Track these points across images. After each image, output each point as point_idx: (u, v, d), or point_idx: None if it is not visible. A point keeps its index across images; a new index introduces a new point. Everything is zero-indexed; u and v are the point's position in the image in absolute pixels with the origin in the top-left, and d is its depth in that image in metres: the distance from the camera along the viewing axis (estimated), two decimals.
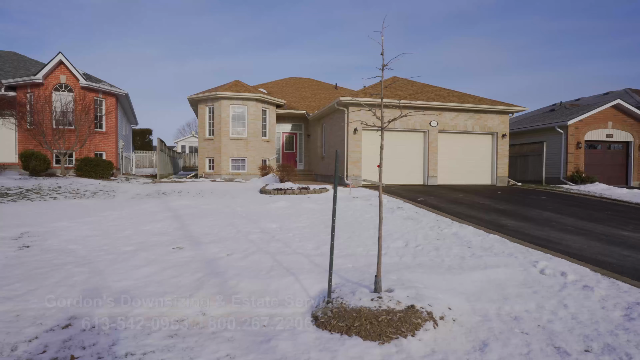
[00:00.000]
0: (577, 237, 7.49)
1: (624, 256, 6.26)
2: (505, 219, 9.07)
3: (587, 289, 4.57)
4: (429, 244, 6.48)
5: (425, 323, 3.40)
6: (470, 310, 3.91)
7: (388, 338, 3.20)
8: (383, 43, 3.74)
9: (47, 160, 15.62)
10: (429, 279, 4.62)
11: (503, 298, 4.27)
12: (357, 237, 6.77)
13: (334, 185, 3.76)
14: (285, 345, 3.07)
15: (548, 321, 3.74)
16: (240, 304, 3.88)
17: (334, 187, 3.76)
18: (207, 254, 5.45)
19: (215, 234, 6.63)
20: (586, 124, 18.66)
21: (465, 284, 4.61)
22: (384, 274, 4.64)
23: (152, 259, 5.13)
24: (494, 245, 6.50)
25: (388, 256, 5.66)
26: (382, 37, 3.75)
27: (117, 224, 7.24)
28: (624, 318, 3.84)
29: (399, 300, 3.64)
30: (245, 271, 4.73)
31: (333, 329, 3.36)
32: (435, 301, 3.79)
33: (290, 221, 7.94)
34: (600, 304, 4.18)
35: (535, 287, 4.63)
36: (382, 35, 3.75)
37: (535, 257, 5.76)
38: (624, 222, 9.24)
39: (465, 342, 3.26)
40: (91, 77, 18.78)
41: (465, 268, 5.16)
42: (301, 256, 5.46)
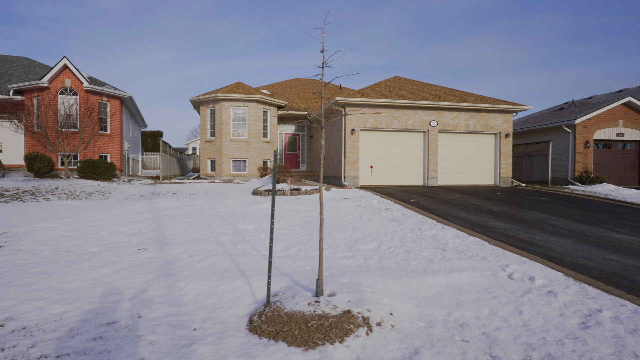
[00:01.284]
0: (565, 240, 7.20)
1: (607, 260, 5.98)
2: (494, 221, 8.80)
3: (550, 294, 4.36)
4: (402, 246, 6.32)
5: (358, 329, 3.27)
6: (417, 316, 3.76)
7: (314, 344, 3.09)
8: (324, 40, 3.64)
9: (51, 162, 15.98)
10: (384, 282, 4.48)
11: (457, 303, 4.10)
12: (330, 239, 6.65)
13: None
14: (205, 350, 3.00)
15: (496, 328, 3.57)
16: (180, 306, 3.83)
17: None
18: (169, 255, 5.43)
19: (187, 235, 6.62)
20: (595, 122, 18.04)
21: (422, 288, 4.46)
22: (337, 277, 4.53)
23: (112, 260, 5.14)
24: (470, 248, 6.30)
25: (353, 259, 5.53)
26: (323, 34, 3.65)
27: (95, 225, 7.30)
28: (579, 326, 3.63)
29: (337, 305, 3.53)
30: (199, 273, 4.69)
31: (263, 334, 3.27)
32: (377, 306, 3.66)
33: (269, 222, 7.87)
34: (559, 310, 3.97)
35: (496, 292, 4.44)
36: (323, 33, 3.65)
37: (509, 261, 5.54)
38: (621, 224, 8.86)
39: (397, 350, 3.12)
40: (96, 81, 19.15)
41: (429, 272, 4.99)
42: (264, 258, 5.39)
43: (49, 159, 15.91)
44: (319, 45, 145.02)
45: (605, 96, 23.49)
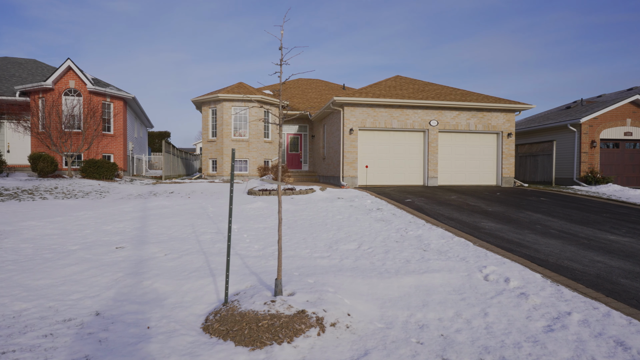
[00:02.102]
0: (555, 241, 7.03)
1: (594, 262, 5.81)
2: (486, 221, 8.65)
3: (522, 296, 4.24)
4: (383, 246, 6.24)
5: (310, 330, 3.22)
6: (377, 317, 3.70)
7: (262, 344, 3.05)
8: (282, 37, 3.60)
9: (54, 162, 16.26)
10: (352, 283, 4.41)
11: (423, 305, 4.02)
12: (312, 239, 6.61)
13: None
14: (151, 348, 2.99)
15: (456, 330, 3.48)
16: (140, 305, 3.82)
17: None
18: (144, 254, 5.45)
19: (169, 234, 6.64)
20: (602, 121, 17.63)
21: (390, 289, 4.38)
22: (305, 277, 4.48)
23: (87, 258, 5.18)
24: (453, 248, 6.19)
25: (329, 258, 5.47)
26: (282, 31, 3.61)
27: (82, 224, 7.39)
28: (543, 329, 3.52)
29: (292, 305, 3.48)
30: (168, 272, 4.69)
31: (214, 333, 3.25)
32: (335, 307, 3.60)
33: (256, 222, 7.87)
34: (527, 313, 3.86)
35: (466, 294, 4.34)
36: (281, 30, 3.61)
37: (488, 262, 5.42)
38: (618, 225, 8.62)
39: (346, 351, 3.06)
40: (99, 82, 19.43)
41: (402, 272, 4.91)
42: (237, 257, 5.37)
43: (52, 159, 16.19)
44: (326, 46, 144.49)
45: (615, 94, 22.94)
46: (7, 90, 19.33)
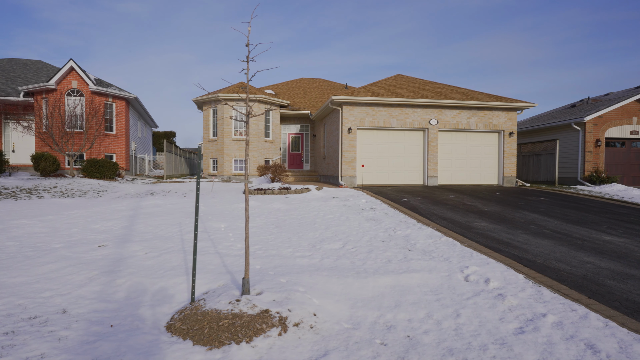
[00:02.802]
0: (547, 241, 6.89)
1: (583, 263, 5.68)
2: (480, 221, 8.52)
3: (499, 297, 4.15)
4: (368, 246, 6.17)
5: (271, 329, 3.18)
6: (346, 317, 3.64)
7: (220, 344, 3.01)
8: (249, 34, 3.56)
9: (56, 161, 16.44)
10: (326, 282, 4.36)
11: (395, 305, 3.94)
12: (297, 238, 6.56)
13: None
14: (107, 346, 2.97)
15: (424, 332, 3.41)
16: (109, 303, 3.81)
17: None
18: (125, 252, 5.46)
19: (155, 233, 6.65)
20: (607, 120, 17.30)
21: (365, 289, 4.32)
22: (278, 276, 4.44)
23: (67, 256, 5.19)
24: (439, 248, 6.09)
25: (309, 258, 5.42)
26: (249, 28, 3.57)
27: (72, 222, 7.43)
28: (514, 331, 3.43)
29: (257, 304, 3.44)
30: (144, 270, 4.68)
31: (175, 332, 3.22)
32: (302, 306, 3.55)
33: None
34: (501, 314, 3.77)
35: (442, 294, 4.25)
36: (249, 27, 3.57)
37: (472, 262, 5.32)
38: (616, 225, 8.43)
39: (305, 352, 3.01)
40: (102, 82, 19.61)
41: (381, 272, 4.84)
42: (217, 256, 5.35)
43: (55, 159, 16.37)
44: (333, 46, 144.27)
45: (622, 92, 22.50)
46: (12, 91, 19.62)
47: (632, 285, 4.79)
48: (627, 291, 4.61)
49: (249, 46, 3.58)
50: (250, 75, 3.60)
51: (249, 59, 3.58)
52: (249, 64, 3.59)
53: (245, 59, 3.55)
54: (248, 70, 3.61)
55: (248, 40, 3.58)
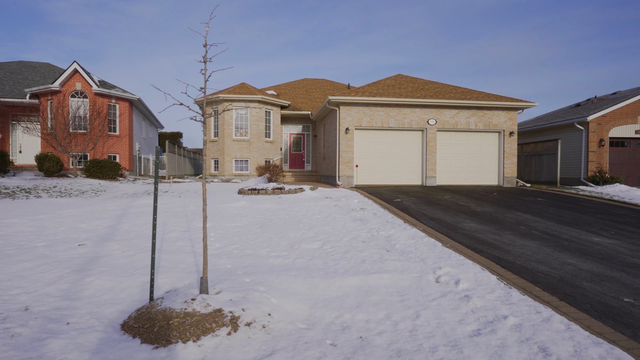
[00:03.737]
0: (532, 242, 6.79)
1: (563, 264, 5.58)
2: (469, 222, 8.42)
3: (465, 299, 4.10)
4: (347, 246, 6.14)
5: (221, 328, 3.19)
6: (303, 318, 3.63)
7: (167, 342, 3.03)
8: (207, 34, 3.57)
9: (60, 162, 16.72)
10: (292, 282, 4.35)
11: (357, 306, 3.92)
12: (277, 238, 6.57)
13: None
14: (56, 344, 3.00)
15: (378, 333, 3.38)
16: (72, 301, 3.87)
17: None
18: (103, 250, 5.53)
19: (137, 232, 6.72)
20: (611, 119, 16.95)
21: (330, 289, 4.30)
22: (244, 276, 4.45)
23: (45, 254, 5.28)
24: (418, 249, 6.04)
25: (283, 258, 5.42)
26: (207, 28, 3.59)
27: (60, 221, 7.56)
28: (470, 333, 3.38)
29: (211, 303, 3.45)
30: (115, 269, 4.73)
31: (127, 331, 3.25)
32: (257, 306, 3.56)
33: (231, 220, 7.88)
34: (463, 316, 3.72)
35: (408, 295, 4.22)
36: (207, 27, 3.59)
37: (447, 263, 5.26)
38: (609, 226, 8.26)
39: (252, 352, 3.01)
40: (105, 84, 19.90)
41: (351, 272, 4.82)
42: (192, 255, 5.38)
43: (58, 159, 16.66)
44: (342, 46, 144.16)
45: (629, 91, 22.03)
46: (19, 93, 20.05)
47: (609, 288, 4.69)
48: (602, 293, 4.51)
49: (206, 47, 3.60)
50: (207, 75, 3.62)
51: (206, 59, 3.60)
52: (206, 64, 3.61)
53: (202, 59, 3.57)
54: (205, 70, 3.63)
55: (205, 41, 3.60)
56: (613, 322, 3.77)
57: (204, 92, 3.68)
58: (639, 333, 3.56)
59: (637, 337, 3.48)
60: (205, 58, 3.59)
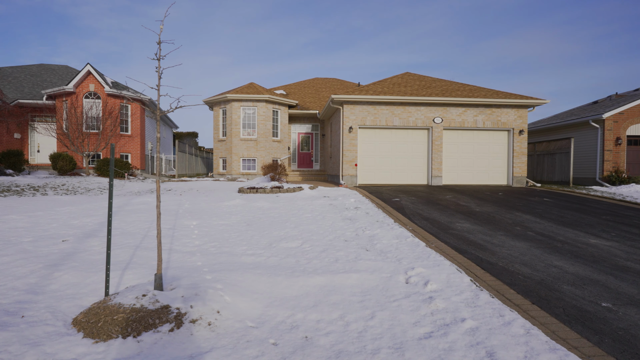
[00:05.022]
0: (523, 244, 6.55)
1: (548, 267, 5.36)
2: (463, 222, 8.20)
3: (428, 300, 3.97)
4: (326, 245, 6.07)
5: (164, 325, 3.19)
6: (254, 316, 3.59)
7: (108, 337, 3.05)
8: (161, 32, 3.59)
9: (73, 161, 17.26)
10: (255, 280, 4.32)
11: (313, 305, 3.86)
12: (259, 236, 6.56)
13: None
14: (3, 336, 3.06)
15: (325, 333, 3.31)
16: (35, 294, 3.95)
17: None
18: (82, 246, 5.64)
19: (123, 229, 6.84)
20: (628, 116, 16.23)
21: (292, 288, 4.25)
22: (209, 273, 4.45)
23: (27, 250, 5.43)
24: (399, 249, 5.92)
25: (256, 256, 5.40)
26: (161, 27, 3.60)
27: (56, 218, 7.77)
28: (421, 336, 3.27)
29: (160, 299, 3.46)
30: (87, 264, 4.81)
31: (76, 325, 3.29)
32: (207, 304, 3.54)
33: (221, 218, 7.92)
34: (419, 318, 3.61)
35: (370, 296, 4.12)
36: (161, 26, 3.60)
37: (423, 264, 5.13)
38: (610, 228, 7.90)
39: (190, 348, 2.99)
40: (118, 85, 20.40)
41: (320, 272, 4.75)
42: (166, 252, 5.43)
43: (71, 158, 17.19)
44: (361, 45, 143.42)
45: None
46: (37, 94, 20.79)
47: (589, 292, 4.47)
48: (580, 297, 4.30)
49: (160, 44, 3.61)
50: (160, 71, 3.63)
51: (160, 57, 3.61)
52: (160, 62, 3.62)
53: (155, 56, 3.58)
54: (159, 68, 3.64)
55: (159, 39, 3.61)
56: (582, 328, 3.59)
57: (157, 90, 3.69)
58: (606, 340, 3.37)
59: (602, 344, 3.30)
60: (159, 56, 3.60)
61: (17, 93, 20.80)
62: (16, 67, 24.40)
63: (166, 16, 3.59)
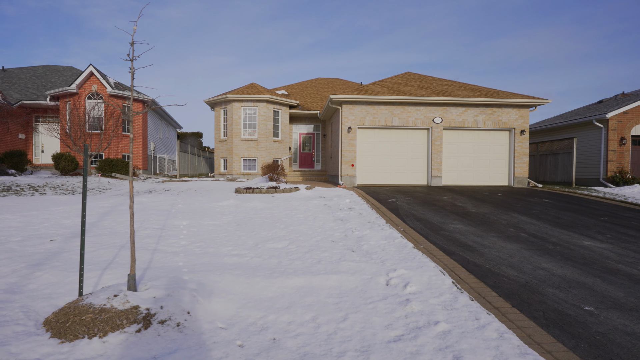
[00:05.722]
0: (514, 245, 6.46)
1: (536, 269, 5.27)
2: (457, 223, 8.12)
3: (404, 302, 3.92)
4: (312, 246, 6.04)
5: (131, 326, 3.18)
6: (227, 317, 3.57)
7: (74, 337, 3.05)
8: (134, 33, 3.58)
9: (75, 161, 17.44)
10: (232, 281, 4.31)
11: (287, 307, 3.83)
12: (247, 237, 6.54)
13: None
14: None
15: (294, 335, 3.28)
16: (12, 294, 3.97)
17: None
18: (68, 246, 5.67)
19: (112, 229, 6.87)
20: (633, 116, 15.97)
21: (268, 289, 4.23)
22: (188, 274, 4.45)
23: (13, 249, 5.47)
24: (385, 250, 5.86)
25: (240, 256, 5.39)
26: (134, 27, 3.60)
27: (49, 217, 7.83)
28: (391, 339, 3.22)
29: (131, 300, 3.45)
30: (69, 264, 4.83)
31: (46, 325, 3.30)
32: (179, 304, 3.53)
33: (211, 218, 7.93)
34: (393, 320, 3.56)
35: (347, 298, 4.08)
36: (134, 27, 3.60)
37: (406, 265, 5.08)
38: (607, 229, 7.76)
39: (155, 349, 2.98)
40: (120, 85, 20.57)
41: (300, 273, 4.72)
42: (150, 253, 5.43)
43: (73, 158, 17.37)
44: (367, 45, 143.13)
45: None
46: (41, 95, 21.04)
47: (574, 295, 4.39)
48: (563, 301, 4.22)
49: (133, 45, 3.61)
50: (134, 72, 3.63)
51: (133, 57, 3.61)
52: (133, 63, 3.62)
53: (127, 57, 3.58)
54: (132, 69, 3.64)
55: (132, 39, 3.61)
56: (559, 332, 3.51)
57: (131, 89, 3.69)
58: (582, 344, 3.30)
59: (577, 349, 3.22)
60: (132, 57, 3.60)
61: (21, 94, 21.08)
62: (22, 68, 24.72)
63: (140, 17, 3.59)
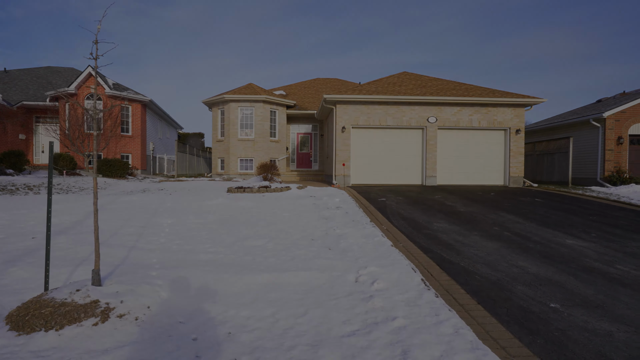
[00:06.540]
0: (494, 244, 6.46)
1: (511, 267, 5.27)
2: (442, 222, 8.11)
3: (368, 299, 3.95)
4: (291, 243, 6.07)
5: (89, 319, 3.23)
6: (188, 312, 3.61)
7: (31, 330, 3.11)
8: (98, 32, 3.64)
9: (73, 161, 17.61)
10: (200, 278, 4.35)
11: (251, 302, 3.87)
12: (228, 235, 6.59)
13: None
14: None
15: (250, 330, 3.31)
16: None
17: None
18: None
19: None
20: (631, 115, 15.83)
21: (236, 285, 4.27)
22: (158, 270, 4.50)
23: None
24: (362, 248, 5.89)
25: (215, 254, 5.43)
26: (99, 27, 3.66)
27: (37, 216, 7.92)
28: (345, 334, 3.25)
29: (92, 294, 3.50)
30: (43, 260, 4.90)
31: (7, 319, 3.36)
32: (139, 299, 3.58)
33: (196, 217, 7.98)
34: (352, 316, 3.58)
35: (313, 294, 4.11)
36: (98, 26, 3.66)
37: (379, 263, 5.10)
38: (594, 228, 7.72)
39: (109, 342, 3.02)
40: (119, 86, 20.75)
41: (271, 269, 4.76)
42: (127, 250, 5.50)
43: (72, 158, 17.55)
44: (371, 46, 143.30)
45: None
46: (41, 96, 21.28)
47: (542, 292, 4.38)
48: (530, 298, 4.22)
49: (97, 44, 3.67)
50: (98, 66, 3.69)
51: (97, 56, 3.67)
52: (96, 62, 3.68)
53: (90, 55, 3.64)
54: (96, 67, 3.70)
55: (96, 38, 3.67)
56: (518, 328, 3.52)
57: (95, 87, 3.75)
58: (538, 340, 3.31)
59: (532, 345, 3.23)
60: (96, 55, 3.66)
61: (22, 95, 21.34)
62: (23, 70, 25.03)
63: (104, 16, 3.64)
